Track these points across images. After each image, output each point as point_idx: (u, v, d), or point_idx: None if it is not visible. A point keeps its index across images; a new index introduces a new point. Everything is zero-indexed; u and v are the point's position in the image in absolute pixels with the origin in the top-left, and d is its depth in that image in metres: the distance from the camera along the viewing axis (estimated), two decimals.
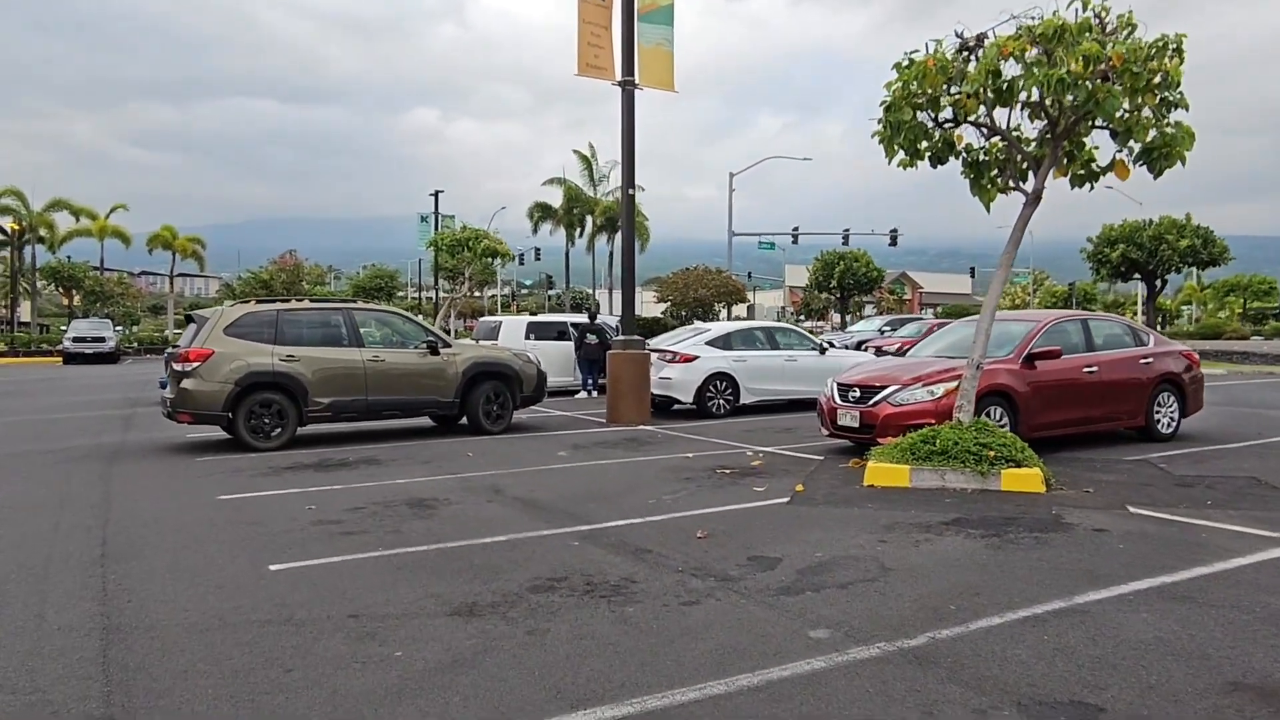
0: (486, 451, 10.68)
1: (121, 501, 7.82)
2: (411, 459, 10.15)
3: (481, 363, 12.36)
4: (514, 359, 12.73)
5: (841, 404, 9.84)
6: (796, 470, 9.01)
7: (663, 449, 10.79)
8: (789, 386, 15.13)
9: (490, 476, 8.88)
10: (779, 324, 16.09)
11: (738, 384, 14.54)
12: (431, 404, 12.02)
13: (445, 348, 12.17)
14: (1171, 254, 28.80)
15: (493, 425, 12.38)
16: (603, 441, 11.52)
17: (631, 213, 13.73)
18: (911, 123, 8.53)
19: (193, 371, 10.66)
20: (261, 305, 11.63)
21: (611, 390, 13.67)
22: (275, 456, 10.38)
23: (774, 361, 15.03)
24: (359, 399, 11.44)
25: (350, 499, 7.74)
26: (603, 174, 54.53)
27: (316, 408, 11.18)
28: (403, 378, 11.77)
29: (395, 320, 12.56)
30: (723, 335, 14.92)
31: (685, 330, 15.98)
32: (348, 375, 11.39)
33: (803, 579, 5.18)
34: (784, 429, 12.70)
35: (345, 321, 11.69)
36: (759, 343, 15.25)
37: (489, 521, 6.82)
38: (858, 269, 42.34)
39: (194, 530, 6.64)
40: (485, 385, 12.34)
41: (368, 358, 11.54)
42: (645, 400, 13.60)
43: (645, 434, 12.30)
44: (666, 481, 8.46)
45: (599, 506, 7.32)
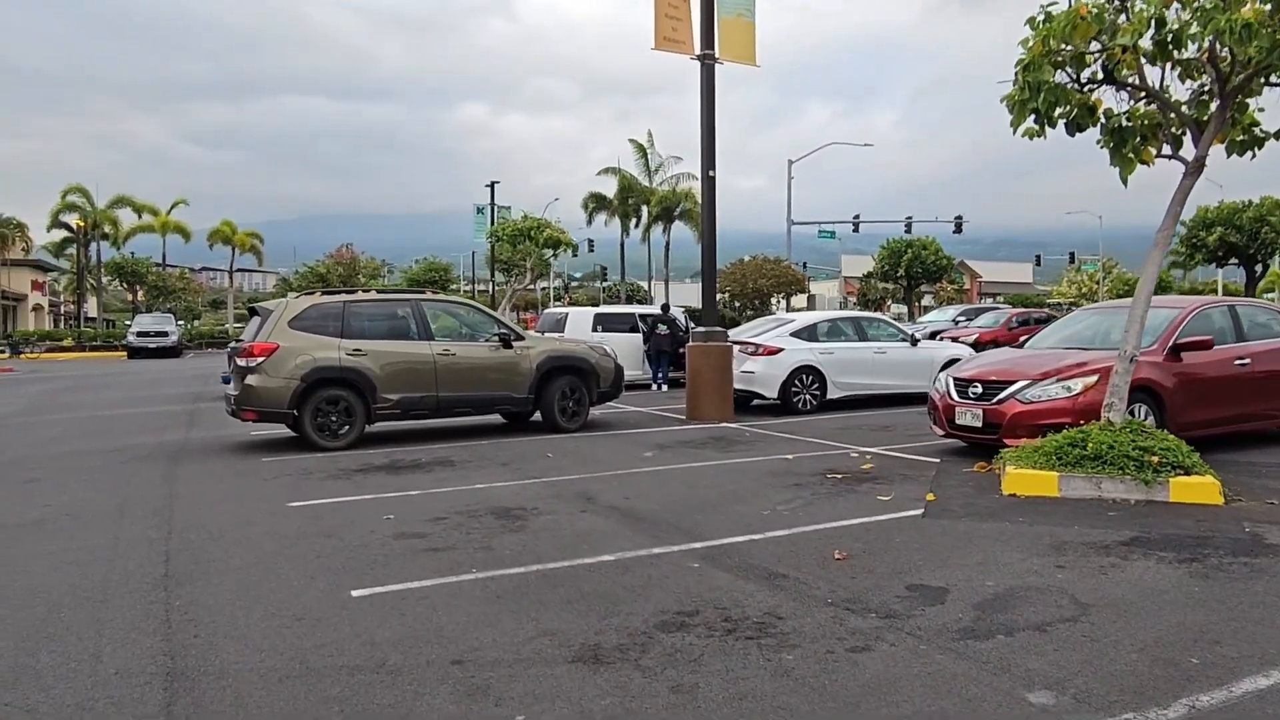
0: (566, 452, 9.93)
1: (185, 508, 7.21)
2: (488, 460, 9.44)
3: (556, 357, 11.62)
4: (590, 352, 11.97)
5: (960, 401, 8.88)
6: (915, 475, 8.10)
7: (755, 449, 9.94)
8: (879, 381, 14.15)
9: (577, 481, 8.12)
10: (867, 314, 15.10)
11: (825, 378, 13.61)
12: (504, 400, 11.32)
13: (518, 341, 11.46)
14: (1275, 237, 26.95)
15: (568, 423, 11.64)
16: (688, 441, 10.70)
17: (713, 197, 12.87)
18: (1052, 84, 7.53)
19: (257, 367, 10.08)
20: (327, 297, 11.02)
21: (691, 385, 12.85)
22: (343, 457, 9.76)
23: (863, 354, 14.06)
24: (429, 395, 10.78)
25: (430, 507, 7.04)
26: (658, 162, 53.67)
27: (385, 405, 10.54)
28: (474, 373, 11.09)
29: (466, 312, 11.87)
30: (808, 326, 13.99)
31: (766, 321, 15.10)
32: (417, 370, 10.73)
33: (985, 617, 4.30)
34: (881, 427, 11.75)
35: (414, 313, 11.03)
36: (846, 334, 14.29)
37: (588, 536, 6.04)
38: (926, 257, 40.84)
39: (264, 544, 5.98)
40: (560, 380, 11.60)
41: (438, 351, 10.87)
42: (728, 396, 12.76)
43: (731, 432, 11.46)
44: (773, 488, 7.61)
45: (707, 518, 6.50)
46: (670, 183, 53.88)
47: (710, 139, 12.81)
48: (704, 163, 12.85)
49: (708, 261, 13.01)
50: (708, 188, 12.85)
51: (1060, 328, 10.01)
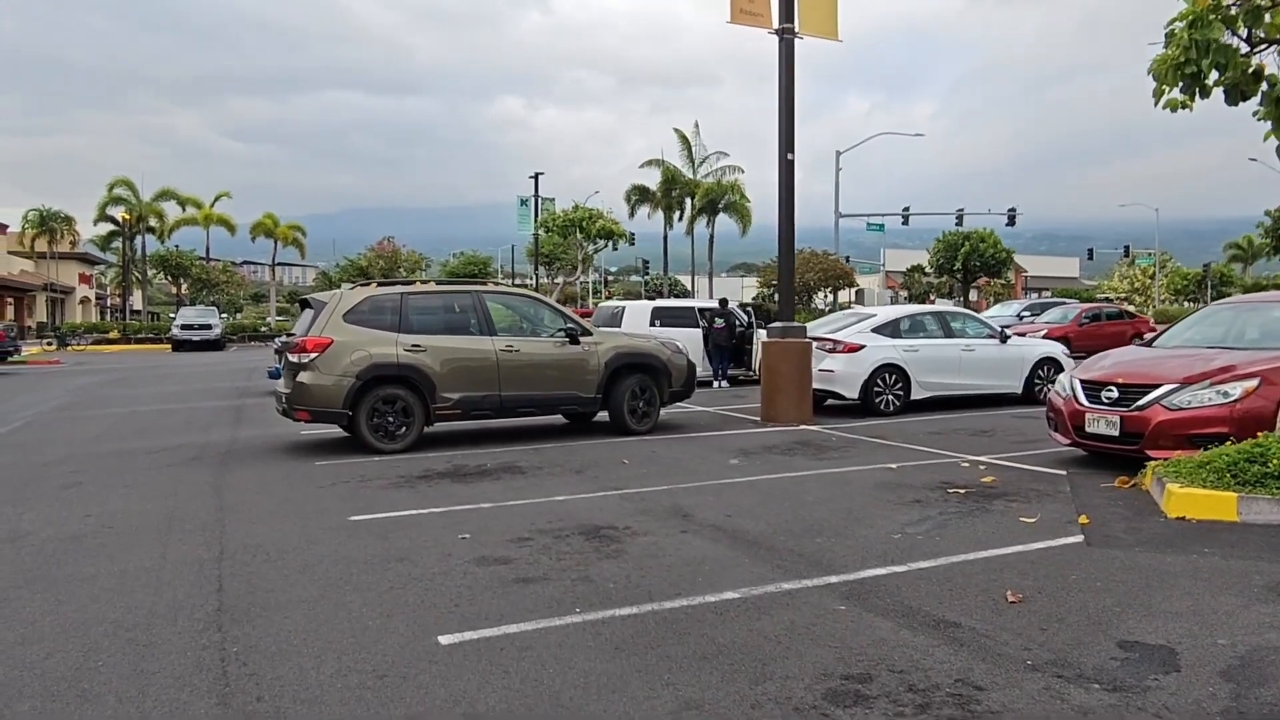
0: (643, 458, 9.10)
1: (238, 522, 6.49)
2: (559, 467, 8.64)
3: (627, 353, 10.80)
4: (661, 349, 11.13)
5: (1090, 406, 7.90)
6: (1048, 490, 7.16)
7: (851, 457, 9.03)
8: (966, 380, 13.15)
9: (663, 493, 7.29)
10: (952, 308, 14.11)
11: (909, 377, 12.65)
12: (570, 400, 10.52)
13: (585, 336, 10.64)
14: None
15: (638, 424, 10.81)
16: (772, 446, 9.82)
17: (791, 182, 11.95)
18: (1221, 43, 6.55)
19: (310, 363, 9.37)
20: (384, 289, 10.29)
21: (767, 384, 11.96)
22: (402, 461, 9.02)
23: (949, 351, 13.07)
24: (491, 395, 10.01)
25: (508, 523, 6.25)
26: (703, 154, 52.65)
27: (445, 404, 9.79)
28: (540, 370, 10.30)
29: (530, 305, 11.08)
30: (890, 321, 13.02)
31: (844, 315, 14.15)
32: (479, 367, 9.96)
33: (1244, 693, 3.39)
34: (979, 431, 10.78)
35: (476, 306, 10.26)
36: (931, 330, 13.30)
37: (700, 565, 5.20)
38: (985, 250, 39.46)
39: (328, 570, 5.22)
40: (630, 379, 10.77)
41: (500, 347, 10.09)
42: (807, 396, 11.85)
43: (816, 436, 10.55)
44: (891, 505, 6.72)
45: (831, 543, 5.63)
46: (715, 175, 52.91)
47: (789, 119, 11.90)
48: (782, 145, 11.93)
49: (785, 253, 12.10)
50: (786, 172, 11.93)
51: (1190, 325, 8.95)
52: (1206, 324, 8.96)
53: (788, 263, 12.13)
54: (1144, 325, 28.81)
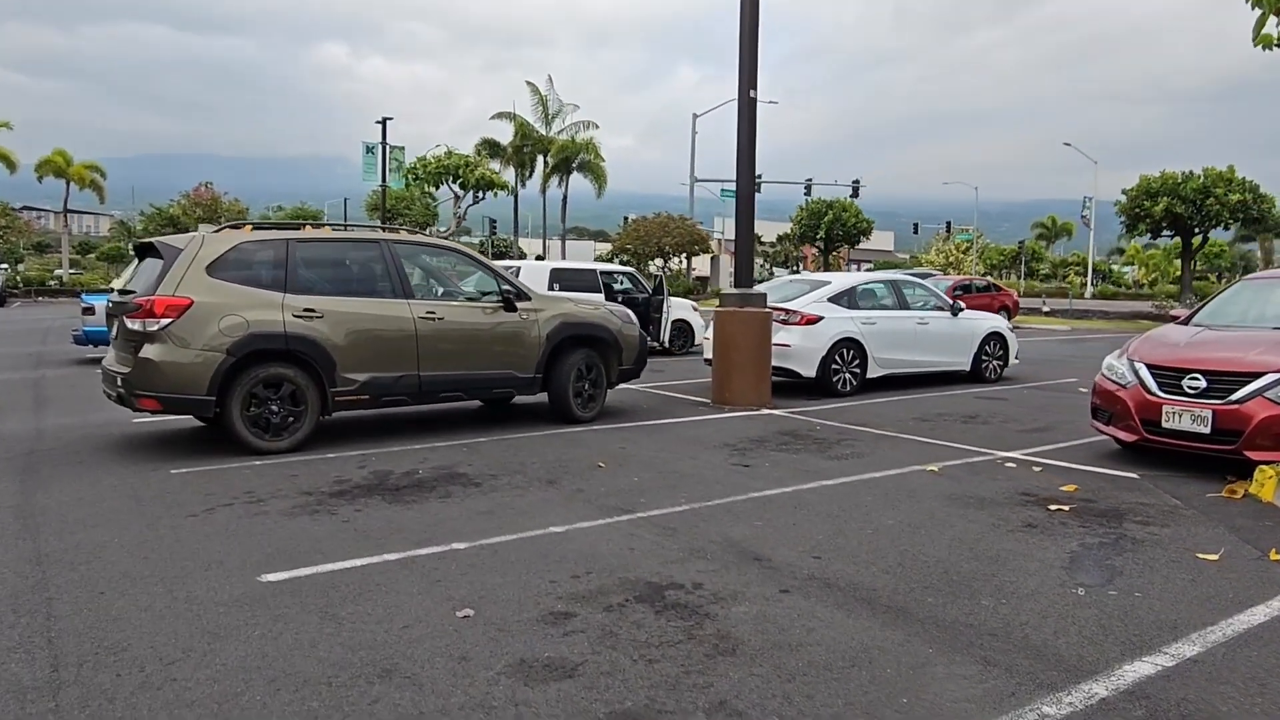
0: (615, 457, 7.18)
1: (70, 599, 4.07)
2: (518, 474, 6.57)
3: (573, 323, 8.75)
4: (611, 318, 9.15)
5: (1169, 398, 6.66)
6: (1153, 503, 5.83)
7: (867, 454, 7.47)
8: (921, 356, 11.97)
9: (688, 516, 5.43)
10: (906, 277, 12.85)
11: (866, 353, 11.30)
12: (505, 381, 8.38)
13: (524, 302, 8.51)
14: (1220, 209, 26.63)
15: (584, 410, 8.84)
16: (758, 438, 8.12)
17: (753, 124, 10.17)
18: None
19: (160, 333, 6.79)
20: (263, 233, 7.71)
21: (721, 361, 10.24)
22: (298, 466, 6.67)
23: (905, 325, 11.82)
24: (408, 375, 7.74)
25: (517, 583, 4.20)
26: (557, 109, 50.01)
27: (348, 388, 7.44)
28: (469, 343, 8.10)
29: (456, 261, 8.76)
30: (847, 290, 11.58)
31: (790, 283, 12.59)
32: (393, 339, 7.66)
33: None
34: (966, 417, 9.53)
35: (386, 260, 7.89)
36: (886, 300, 12.00)
37: (865, 662, 3.39)
38: (847, 219, 39.37)
39: (272, 706, 3.03)
40: (576, 355, 8.76)
41: (420, 314, 7.82)
42: (766, 375, 10.24)
43: (797, 424, 8.95)
44: (1006, 533, 5.16)
45: (1009, 609, 3.97)
46: (569, 131, 50.46)
47: (752, 49, 10.11)
48: (743, 80, 10.13)
49: (744, 207, 10.35)
50: (747, 112, 10.14)
51: (1231, 302, 7.93)
52: (1255, 301, 7.92)
53: (746, 217, 10.40)
54: (1009, 298, 29.37)
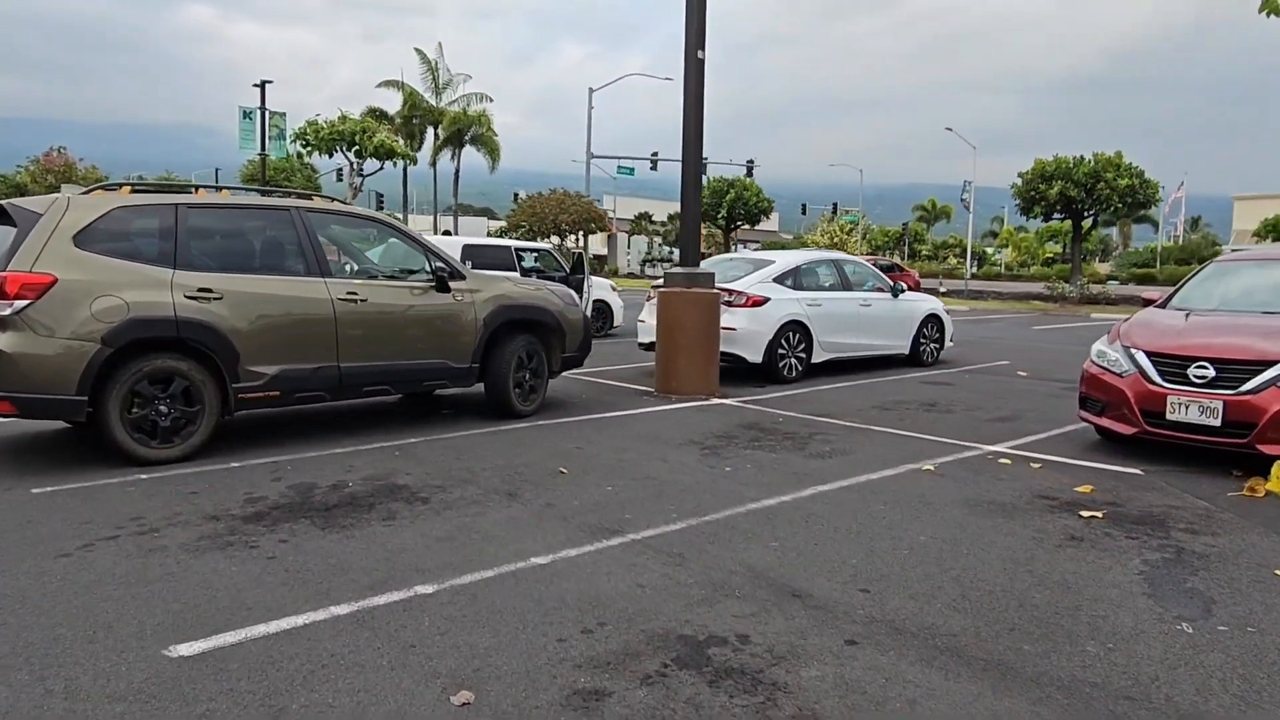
0: (574, 459, 6.27)
1: None
2: (469, 484, 5.59)
3: (513, 306, 7.75)
4: (552, 299, 8.18)
5: (1174, 388, 6.23)
6: (1180, 505, 5.36)
7: (848, 451, 6.81)
8: (864, 340, 11.47)
9: (689, 536, 4.61)
10: (846, 256, 12.28)
11: (811, 336, 10.70)
12: (438, 372, 7.31)
13: (458, 281, 7.45)
14: (1110, 193, 27.53)
15: (524, 404, 7.88)
16: (723, 434, 7.36)
17: (701, 88, 9.33)
18: None
19: (15, 318, 5.46)
20: (145, 196, 6.36)
21: (666, 346, 9.43)
22: (195, 480, 5.49)
23: (850, 307, 11.28)
24: (326, 366, 6.60)
25: (514, 643, 3.28)
26: (448, 78, 47.91)
27: (255, 383, 6.26)
28: (397, 329, 7.01)
29: (379, 233, 7.58)
30: (792, 269, 10.91)
31: (731, 261, 11.82)
32: (308, 325, 6.50)
33: None
34: (925, 404, 9.04)
35: (299, 230, 6.69)
36: (830, 281, 11.41)
37: None
38: (749, 198, 39.09)
39: None
40: (516, 342, 7.77)
41: (339, 295, 6.67)
42: (714, 361, 9.49)
43: (756, 416, 8.23)
44: (1045, 546, 4.55)
45: (1107, 653, 3.32)
46: (461, 103, 48.46)
47: (701, 4, 9.25)
48: (690, 41, 9.27)
49: (691, 178, 9.52)
50: (695, 75, 9.29)
51: (1215, 283, 7.61)
52: (1236, 284, 7.60)
53: (693, 190, 9.58)
54: (910, 279, 29.69)
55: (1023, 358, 13.90)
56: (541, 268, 16.00)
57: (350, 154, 22.34)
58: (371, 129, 22.70)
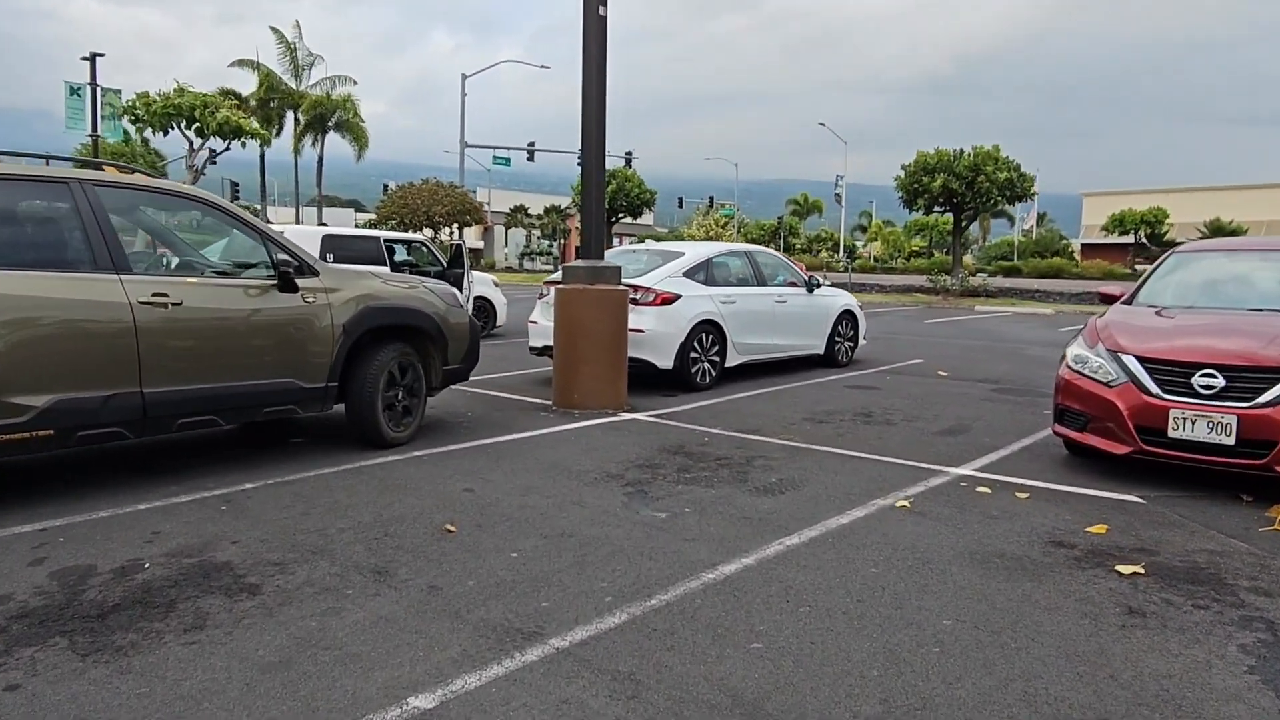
0: (463, 510, 4.84)
1: None
2: (317, 555, 4.08)
3: (380, 308, 6.19)
4: (430, 298, 6.65)
5: (1176, 400, 5.33)
6: (1215, 549, 4.42)
7: (796, 482, 5.63)
8: (780, 340, 10.41)
9: (638, 635, 3.30)
10: (758, 247, 11.16)
11: (725, 337, 9.54)
12: (283, 394, 5.69)
13: (308, 278, 5.85)
14: (990, 186, 27.67)
15: (397, 429, 6.36)
16: (645, 462, 6.06)
17: (603, 52, 7.97)
18: None
19: None
20: None
21: (566, 352, 8.05)
22: None
23: (764, 304, 10.18)
24: (123, 393, 4.91)
25: None
26: (309, 60, 44.74)
27: (16, 419, 4.53)
28: (225, 341, 5.37)
29: (198, 213, 5.83)
30: (702, 263, 9.70)
31: (634, 252, 10.45)
32: (96, 338, 4.80)
33: None
34: (860, 414, 8.00)
35: (83, 213, 4.94)
36: (743, 275, 10.27)
37: None
38: (630, 189, 37.87)
39: None
40: (386, 352, 6.23)
41: (143, 297, 4.98)
42: (622, 369, 8.18)
43: (682, 436, 6.97)
44: (1108, 629, 3.46)
45: None
46: (324, 86, 45.36)
47: None
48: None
49: (594, 157, 8.14)
50: (596, 35, 7.92)
51: (1182, 277, 6.81)
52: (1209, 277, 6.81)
53: (597, 167, 8.21)
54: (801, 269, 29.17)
55: (933, 355, 13.22)
56: (415, 261, 14.34)
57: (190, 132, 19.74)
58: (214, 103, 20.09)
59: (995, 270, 44.38)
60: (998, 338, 16.68)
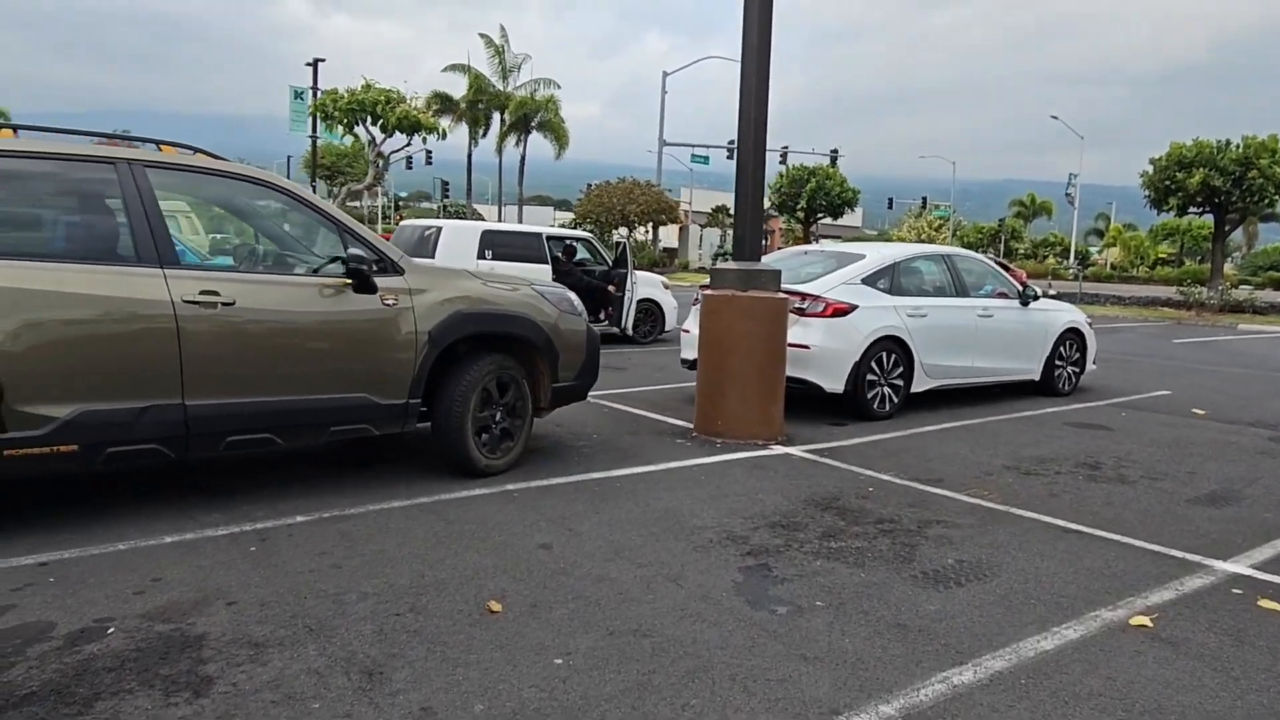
0: (523, 578, 3.77)
1: None
2: (310, 637, 3.13)
3: (476, 313, 5.26)
4: (539, 303, 5.65)
5: None
6: None
7: (983, 569, 4.14)
8: (984, 362, 8.67)
9: None
10: (958, 250, 9.48)
11: (912, 357, 7.97)
12: (354, 411, 4.86)
13: (390, 276, 5.00)
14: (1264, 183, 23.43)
15: (492, 455, 5.40)
16: (781, 519, 4.74)
17: (765, 36, 6.69)
18: None
19: None
20: None
21: (710, 370, 6.83)
22: None
23: (965, 318, 8.49)
24: (161, 405, 4.22)
25: None
26: (515, 62, 45.95)
27: (34, 432, 3.92)
28: (287, 348, 4.61)
29: (267, 202, 5.17)
30: (886, 268, 8.18)
31: (806, 254, 9.10)
32: (129, 342, 4.14)
33: None
34: (1082, 466, 6.24)
35: (129, 197, 4.30)
36: (938, 282, 8.64)
37: None
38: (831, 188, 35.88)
39: None
40: (481, 365, 5.28)
41: (188, 295, 4.28)
42: (779, 394, 6.85)
43: (839, 481, 5.58)
44: None
45: None
46: (528, 88, 46.42)
47: None
48: None
49: (749, 144, 6.88)
50: (758, 15, 6.64)
51: None
52: None
53: (754, 161, 6.93)
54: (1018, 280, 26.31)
55: (1185, 386, 10.85)
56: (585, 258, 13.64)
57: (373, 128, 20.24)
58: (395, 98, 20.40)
59: (1263, 282, 38.52)
60: (1272, 366, 13.72)
